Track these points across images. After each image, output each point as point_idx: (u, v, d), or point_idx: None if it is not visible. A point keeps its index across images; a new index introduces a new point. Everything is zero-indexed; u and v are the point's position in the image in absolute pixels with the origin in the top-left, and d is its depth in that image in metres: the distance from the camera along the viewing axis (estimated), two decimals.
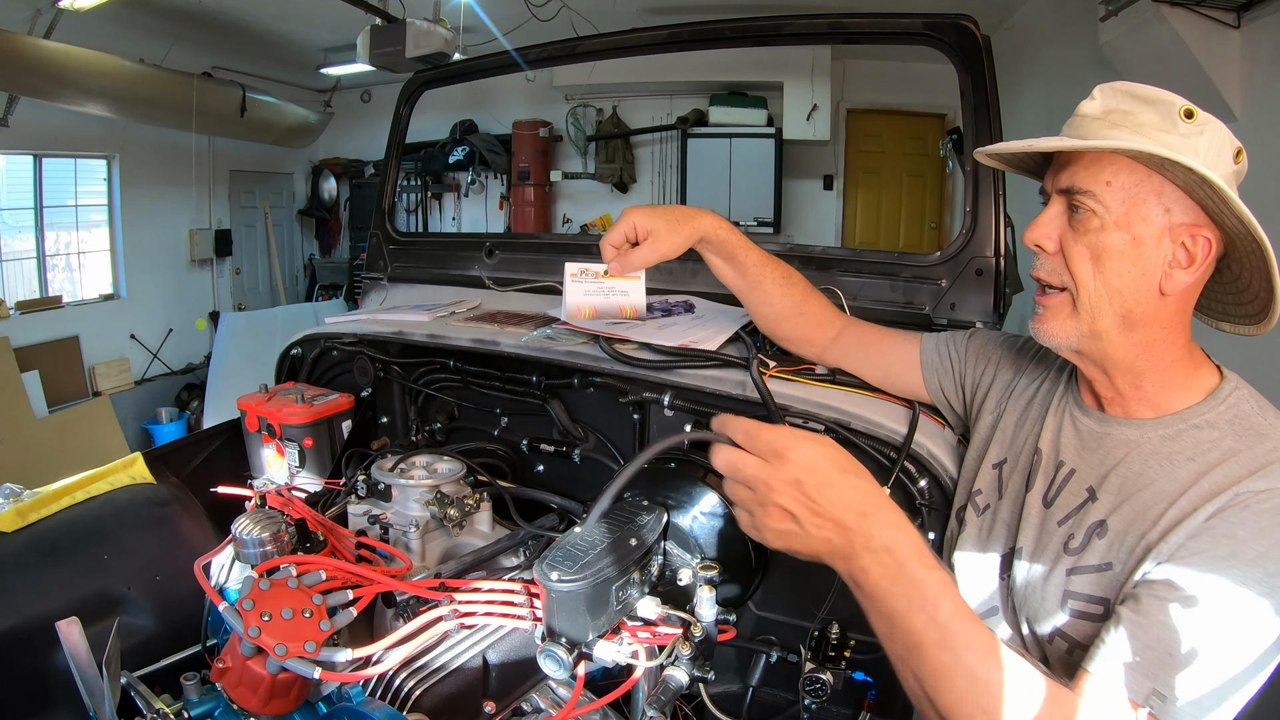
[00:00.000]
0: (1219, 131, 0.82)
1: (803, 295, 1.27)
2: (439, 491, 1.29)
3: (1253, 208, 0.79)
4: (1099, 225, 0.84)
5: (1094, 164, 0.84)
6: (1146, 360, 0.88)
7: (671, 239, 1.13)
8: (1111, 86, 0.86)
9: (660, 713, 0.96)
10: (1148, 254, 0.83)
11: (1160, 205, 0.82)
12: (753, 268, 1.23)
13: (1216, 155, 0.81)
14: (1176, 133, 0.81)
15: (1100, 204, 0.84)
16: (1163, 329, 0.87)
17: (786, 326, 1.30)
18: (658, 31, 1.84)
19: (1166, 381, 0.88)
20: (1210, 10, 2.73)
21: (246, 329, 5.78)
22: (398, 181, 3.06)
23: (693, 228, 1.16)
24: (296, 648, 0.90)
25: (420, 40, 3.74)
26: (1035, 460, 0.99)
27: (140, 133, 5.81)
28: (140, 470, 1.62)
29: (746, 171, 6.08)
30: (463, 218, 7.30)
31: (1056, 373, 1.05)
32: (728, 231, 1.20)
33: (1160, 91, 0.83)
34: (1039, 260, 0.92)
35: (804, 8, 1.98)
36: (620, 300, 1.13)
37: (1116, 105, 0.85)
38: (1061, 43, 4.14)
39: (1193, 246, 0.83)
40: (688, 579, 1.04)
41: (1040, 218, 0.91)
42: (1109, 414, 0.93)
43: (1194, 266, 0.83)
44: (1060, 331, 0.91)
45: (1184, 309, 0.88)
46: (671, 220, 1.14)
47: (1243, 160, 0.84)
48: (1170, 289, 0.84)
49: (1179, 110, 0.81)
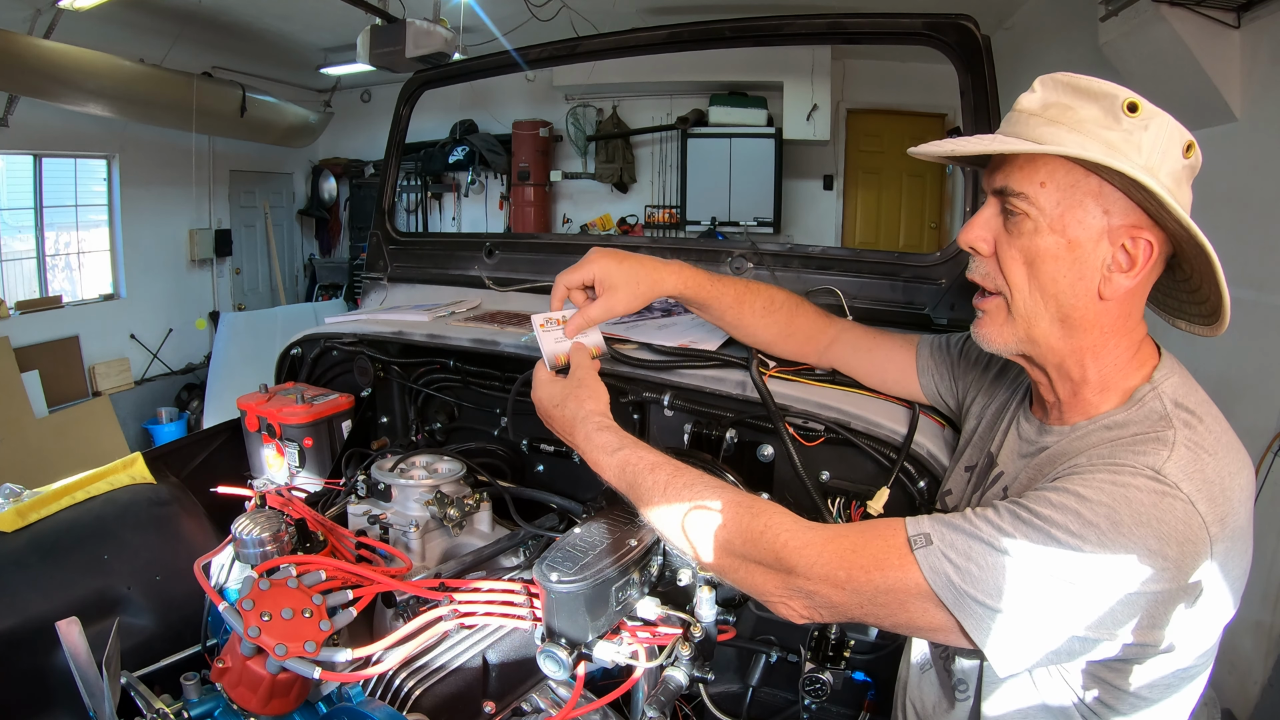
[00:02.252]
0: (1165, 125, 0.77)
1: (787, 318, 1.25)
2: (439, 491, 1.29)
3: (1253, 207, 0.78)
4: (1033, 228, 0.81)
5: (1029, 164, 0.81)
6: (1087, 366, 0.85)
7: (628, 300, 1.10)
8: (1052, 78, 0.81)
9: (660, 713, 0.96)
10: (1085, 257, 0.80)
11: (1098, 207, 0.79)
12: (730, 310, 1.22)
13: (1162, 152, 0.77)
14: (1119, 129, 0.76)
15: (1034, 206, 0.81)
16: (1104, 334, 0.84)
17: (776, 349, 1.29)
18: (658, 31, 1.84)
19: (1103, 386, 0.86)
20: (1210, 10, 2.72)
21: (246, 329, 5.78)
22: (398, 181, 3.06)
23: (653, 287, 1.12)
24: (296, 648, 0.90)
25: (420, 40, 3.74)
26: (986, 465, 1.00)
27: (140, 133, 5.81)
28: (140, 470, 1.62)
29: (746, 171, 6.08)
30: (463, 218, 7.30)
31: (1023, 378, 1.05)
32: (695, 285, 1.16)
33: (1103, 83, 0.78)
34: (974, 263, 0.90)
35: (804, 8, 1.98)
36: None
37: (1056, 99, 0.80)
38: (1061, 43, 4.14)
39: (1133, 249, 0.79)
40: (688, 579, 1.04)
41: (974, 219, 0.88)
42: (1048, 423, 0.92)
43: (1135, 270, 0.80)
44: (997, 337, 0.89)
45: (1127, 313, 0.84)
46: (634, 277, 1.10)
47: (1195, 154, 0.79)
48: (1110, 293, 0.81)
49: (1122, 104, 0.76)
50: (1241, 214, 2.57)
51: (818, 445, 1.24)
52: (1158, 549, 0.70)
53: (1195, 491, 0.72)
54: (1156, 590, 0.71)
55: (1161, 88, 2.99)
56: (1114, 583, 0.71)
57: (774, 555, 0.82)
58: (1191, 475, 0.73)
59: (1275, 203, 2.48)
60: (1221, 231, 3.05)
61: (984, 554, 0.74)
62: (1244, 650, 2.46)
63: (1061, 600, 0.72)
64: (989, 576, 0.74)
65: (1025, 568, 0.73)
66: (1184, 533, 0.71)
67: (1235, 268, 2.92)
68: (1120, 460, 0.76)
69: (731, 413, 1.33)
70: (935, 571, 0.76)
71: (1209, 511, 0.72)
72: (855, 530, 0.83)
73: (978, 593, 0.74)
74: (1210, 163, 0.84)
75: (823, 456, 1.26)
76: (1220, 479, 0.74)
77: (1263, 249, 2.49)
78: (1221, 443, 0.78)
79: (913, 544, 0.77)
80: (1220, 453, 0.76)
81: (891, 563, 0.78)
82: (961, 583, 0.75)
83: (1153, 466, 0.74)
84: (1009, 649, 0.75)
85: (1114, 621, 0.72)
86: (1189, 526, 0.71)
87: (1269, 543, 2.31)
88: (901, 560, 0.77)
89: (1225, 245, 0.77)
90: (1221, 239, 0.78)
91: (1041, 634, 0.74)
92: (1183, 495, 0.72)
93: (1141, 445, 0.77)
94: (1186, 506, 0.72)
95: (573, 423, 1.01)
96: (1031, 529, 0.73)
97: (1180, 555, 0.71)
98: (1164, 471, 0.73)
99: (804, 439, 1.23)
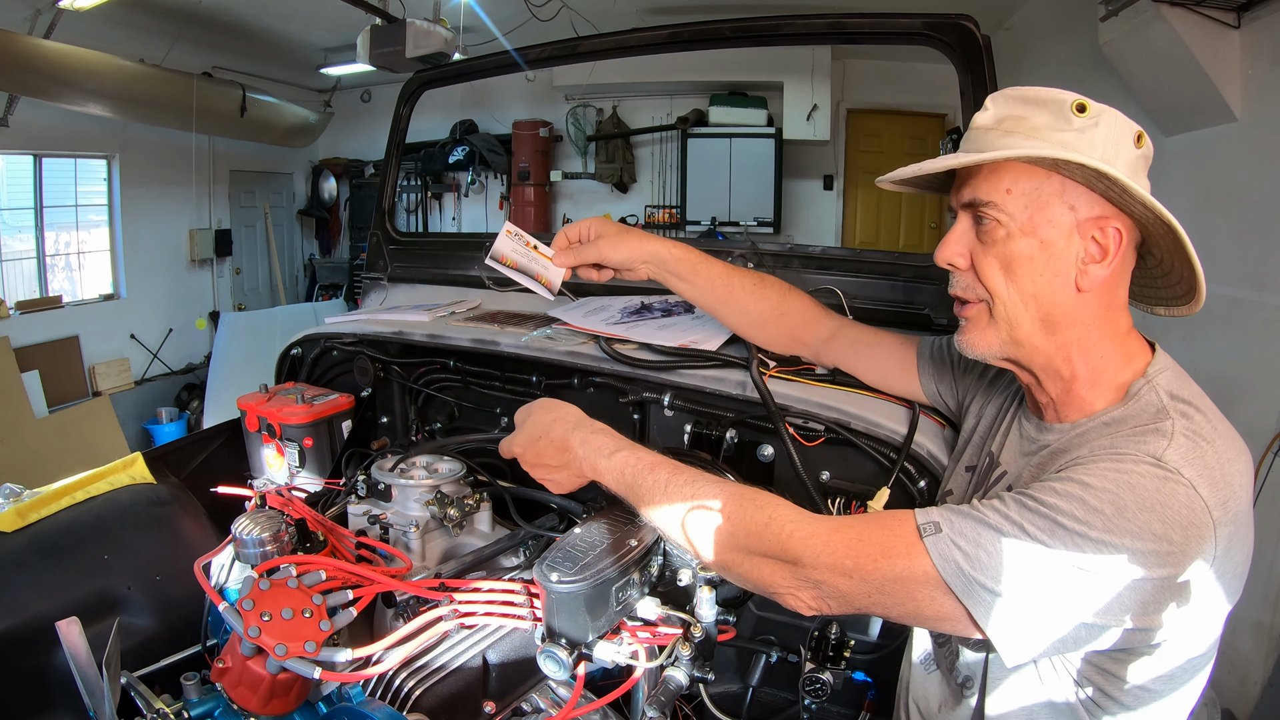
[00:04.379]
0: (1114, 120, 0.81)
1: (780, 296, 1.27)
2: (439, 491, 1.29)
3: (1253, 207, 0.79)
4: (1005, 234, 0.84)
5: (992, 174, 0.84)
6: (1074, 362, 0.87)
7: (616, 248, 1.24)
8: (1003, 94, 0.86)
9: (660, 713, 0.96)
10: (1059, 255, 0.83)
11: (1064, 204, 0.82)
12: (719, 280, 1.24)
13: (1116, 144, 0.80)
14: (1071, 129, 0.80)
15: (1004, 213, 0.84)
16: (1087, 328, 0.86)
17: (771, 329, 1.30)
18: (658, 31, 1.84)
19: (1094, 381, 0.87)
20: (1210, 10, 2.72)
21: (246, 329, 5.78)
22: (398, 181, 3.06)
23: (641, 241, 1.25)
24: (296, 648, 0.90)
25: (420, 40, 3.74)
26: (988, 464, 1.01)
27: (140, 133, 5.81)
28: (140, 470, 1.62)
29: (746, 171, 6.08)
30: (463, 218, 7.30)
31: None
32: (682, 249, 1.25)
33: (1051, 91, 0.82)
34: (954, 278, 0.92)
35: (804, 8, 1.98)
36: (539, 269, 1.28)
37: (1009, 112, 0.84)
38: (1061, 43, 4.15)
39: (1103, 239, 0.82)
40: (688, 579, 1.04)
41: (948, 237, 0.90)
42: (1046, 421, 0.93)
43: (1108, 259, 0.83)
44: (982, 342, 0.91)
45: (1107, 303, 0.86)
46: (624, 234, 1.25)
47: (1145, 144, 0.83)
48: (1087, 285, 0.83)
49: (1070, 106, 0.80)
50: (1241, 214, 2.57)
51: (818, 445, 1.24)
52: (1162, 533, 0.71)
53: (1197, 477, 0.73)
54: (1162, 575, 0.72)
55: (1161, 88, 3.00)
56: (1120, 568, 0.71)
57: (780, 547, 0.83)
58: (1192, 461, 0.74)
59: (1275, 203, 2.47)
60: (1221, 231, 3.06)
61: (993, 540, 0.75)
62: (1244, 650, 2.46)
63: (1069, 586, 0.73)
64: (997, 563, 0.74)
65: (1033, 555, 0.73)
66: (1188, 517, 0.72)
67: (1235, 268, 2.93)
68: (1122, 450, 0.77)
69: (732, 413, 1.33)
70: (944, 559, 0.76)
71: (1211, 496, 0.73)
72: (861, 520, 0.84)
73: (986, 579, 0.75)
74: (1210, 163, 0.85)
75: (823, 456, 1.26)
76: (1220, 465, 0.75)
77: (1263, 249, 2.49)
78: (1219, 431, 0.79)
79: (922, 532, 0.78)
80: (1218, 441, 0.77)
81: (899, 551, 0.78)
82: (970, 570, 0.75)
83: (1154, 454, 0.75)
84: (1017, 637, 0.76)
85: (1121, 607, 0.73)
86: (1192, 511, 0.72)
87: (1269, 543, 2.31)
88: (910, 548, 0.78)
89: (1225, 245, 0.78)
90: (1221, 239, 0.79)
91: (1049, 621, 0.75)
92: (1185, 480, 0.73)
93: (1141, 436, 0.78)
94: (1189, 491, 0.72)
95: (565, 440, 1.01)
96: (1038, 516, 0.74)
97: (1185, 539, 0.71)
98: (1165, 458, 0.74)
99: (804, 439, 1.23)
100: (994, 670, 0.90)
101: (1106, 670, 0.81)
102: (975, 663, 0.94)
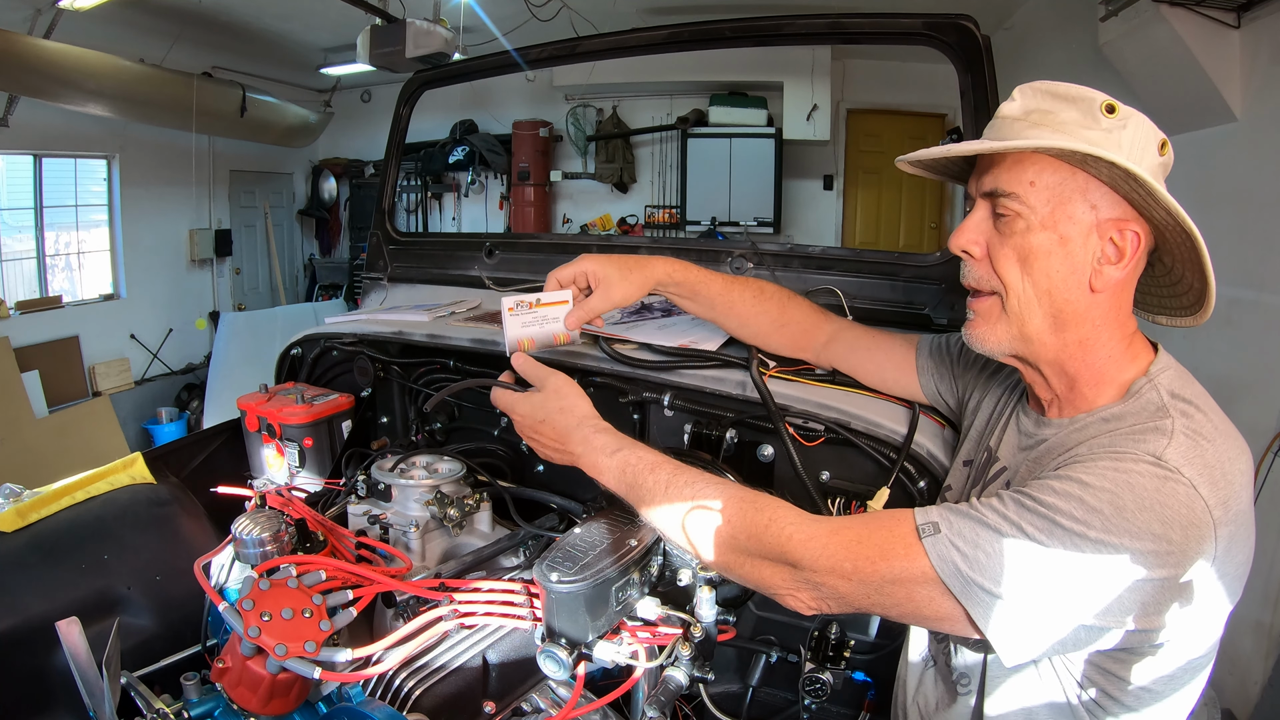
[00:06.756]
0: (1142, 125, 0.81)
1: (779, 308, 1.27)
2: (439, 491, 1.29)
3: (1253, 207, 0.79)
4: (1025, 227, 0.83)
5: (1016, 165, 0.83)
6: (1080, 360, 0.87)
7: (624, 287, 1.14)
8: (1031, 86, 0.85)
9: (660, 713, 0.96)
10: (1076, 252, 0.82)
11: (1086, 202, 0.81)
12: (720, 297, 1.23)
13: (1141, 149, 0.80)
14: (1099, 128, 0.79)
15: (1025, 205, 0.83)
16: (1095, 327, 0.86)
17: (772, 341, 1.30)
18: (658, 31, 1.84)
19: (1098, 380, 0.87)
20: (1210, 10, 2.72)
21: (246, 329, 5.78)
22: (398, 181, 3.06)
23: (645, 275, 1.17)
24: (296, 648, 0.90)
25: (420, 40, 3.74)
26: (986, 460, 1.01)
27: (140, 133, 5.81)
28: (140, 470, 1.62)
29: (746, 171, 6.08)
30: (463, 218, 7.30)
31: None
32: (684, 272, 1.20)
33: (1080, 88, 0.82)
34: (967, 267, 0.91)
35: (804, 8, 1.98)
36: (554, 329, 1.16)
37: (1037, 105, 0.83)
38: (1061, 43, 4.14)
39: (1121, 241, 0.82)
40: (688, 579, 1.04)
41: (965, 223, 0.89)
42: (1047, 417, 0.93)
43: (1124, 261, 0.82)
44: (991, 336, 0.90)
45: (1117, 305, 0.86)
46: (624, 269, 1.15)
47: (1168, 152, 0.82)
48: (1101, 285, 0.83)
49: (1100, 105, 0.80)
50: (1242, 214, 2.57)
51: (818, 445, 1.24)
52: (1162, 533, 0.71)
53: (1197, 476, 0.73)
54: (1162, 575, 0.71)
55: (1161, 88, 2.99)
56: (1119, 568, 0.71)
57: (779, 549, 0.83)
58: (1192, 460, 0.74)
59: (1275, 203, 2.47)
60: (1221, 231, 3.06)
61: (991, 541, 0.75)
62: (1244, 650, 2.46)
63: (1068, 586, 0.73)
64: (996, 563, 0.74)
65: (1031, 555, 0.73)
66: (1187, 517, 0.71)
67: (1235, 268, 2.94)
68: (1121, 448, 0.76)
69: (731, 413, 1.33)
70: (943, 559, 0.76)
71: (1211, 495, 0.72)
72: (860, 521, 0.84)
73: (985, 580, 0.74)
74: (1210, 163, 0.85)
75: (823, 456, 1.26)
76: (1220, 464, 0.75)
77: (1263, 249, 2.49)
78: (1219, 430, 0.78)
79: (921, 532, 0.78)
80: (1218, 439, 0.77)
81: (898, 552, 0.78)
82: (969, 570, 0.75)
83: (1154, 453, 0.74)
84: (1016, 637, 0.76)
85: (1120, 608, 0.73)
86: (1192, 510, 0.71)
87: (1269, 543, 2.31)
88: (908, 549, 0.78)
89: (1225, 245, 0.78)
90: (1221, 239, 0.79)
91: (1048, 621, 0.75)
92: (1185, 480, 0.72)
93: (1141, 435, 0.77)
94: (1189, 491, 0.72)
95: (566, 432, 1.01)
96: (1037, 516, 0.74)
97: (1184, 539, 0.71)
98: (1165, 457, 0.74)
99: (804, 439, 1.23)
100: (993, 670, 0.90)
101: (1110, 671, 0.81)
102: (972, 662, 0.94)
